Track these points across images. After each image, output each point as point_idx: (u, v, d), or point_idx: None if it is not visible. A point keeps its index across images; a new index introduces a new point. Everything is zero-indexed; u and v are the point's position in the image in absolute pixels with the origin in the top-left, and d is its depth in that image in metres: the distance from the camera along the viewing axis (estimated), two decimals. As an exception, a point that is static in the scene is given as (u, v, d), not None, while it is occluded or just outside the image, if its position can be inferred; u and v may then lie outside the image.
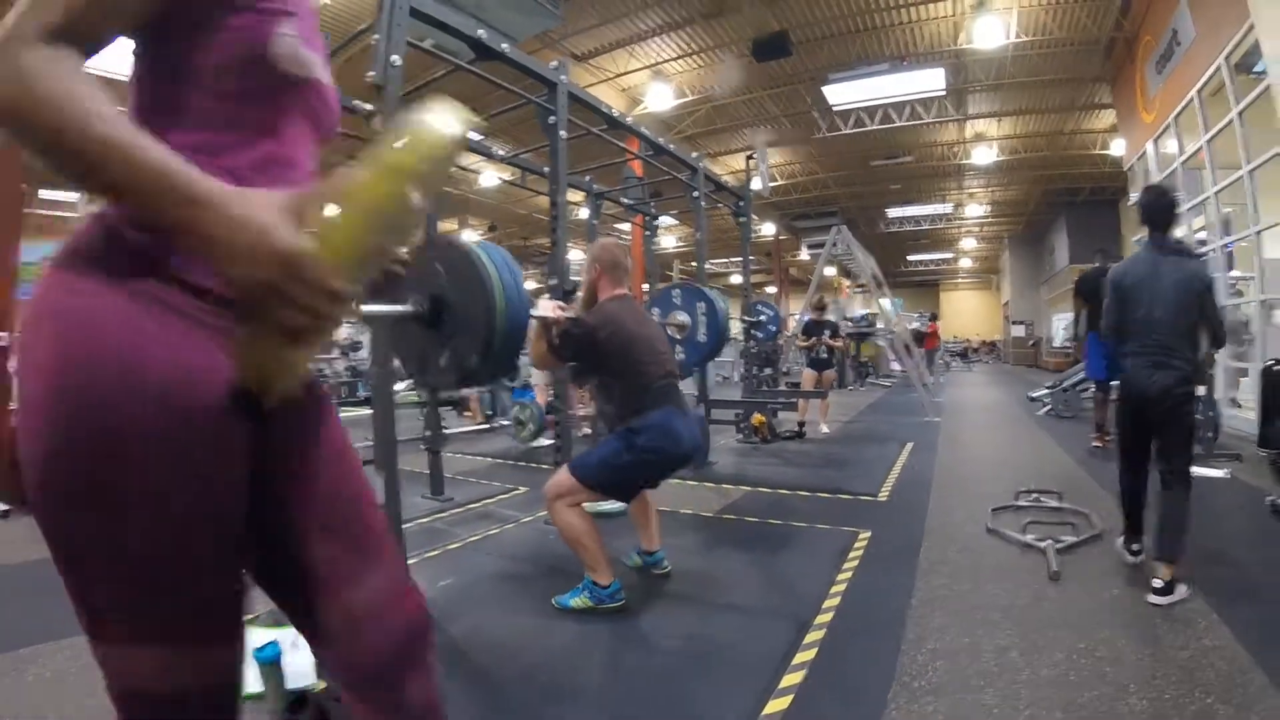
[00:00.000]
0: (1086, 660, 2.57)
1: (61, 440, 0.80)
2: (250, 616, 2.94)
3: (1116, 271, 3.48)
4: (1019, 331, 28.43)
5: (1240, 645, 2.58)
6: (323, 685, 2.36)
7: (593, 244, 3.59)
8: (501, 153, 6.37)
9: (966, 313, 37.12)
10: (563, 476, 3.11)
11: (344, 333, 22.30)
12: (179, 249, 0.84)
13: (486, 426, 9.32)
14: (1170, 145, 9.90)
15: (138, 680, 0.89)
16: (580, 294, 3.52)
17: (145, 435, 0.82)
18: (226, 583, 0.96)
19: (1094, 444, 7.03)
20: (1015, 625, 2.91)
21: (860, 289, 16.48)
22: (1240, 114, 7.44)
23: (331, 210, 0.76)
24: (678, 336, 5.08)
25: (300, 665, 2.35)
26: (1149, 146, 10.71)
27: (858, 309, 19.54)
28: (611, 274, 3.36)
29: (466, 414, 10.47)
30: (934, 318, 24.66)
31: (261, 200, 0.77)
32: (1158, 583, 3.04)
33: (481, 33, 3.85)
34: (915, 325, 22.33)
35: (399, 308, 3.36)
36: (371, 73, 3.41)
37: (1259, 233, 7.43)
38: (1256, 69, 7.17)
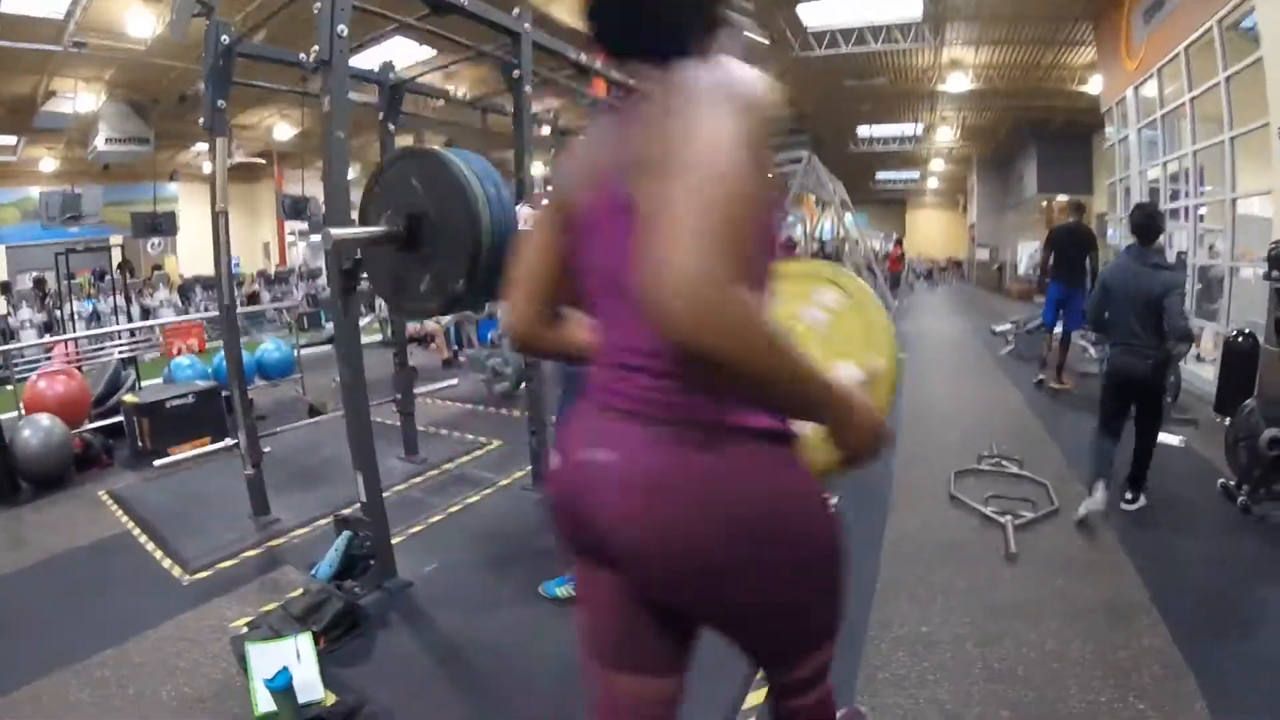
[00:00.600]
0: (1035, 654, 2.76)
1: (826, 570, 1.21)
2: (250, 623, 3.01)
3: (1105, 273, 4.28)
4: (983, 255, 28.61)
5: (1176, 648, 2.75)
6: (332, 698, 2.46)
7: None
8: (463, 94, 6.16)
9: (933, 232, 37.20)
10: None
11: (301, 256, 21.64)
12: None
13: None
14: (1151, 91, 9.73)
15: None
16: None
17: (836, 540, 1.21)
18: None
19: (1041, 380, 7.91)
20: (971, 612, 3.10)
21: (824, 206, 16.85)
22: (1227, 79, 7.26)
23: (878, 390, 1.62)
24: None
25: (307, 677, 2.42)
26: (1129, 93, 10.55)
27: (826, 227, 19.52)
28: None
29: (432, 347, 10.39)
30: (899, 240, 24.60)
31: (855, 386, 1.07)
32: (1129, 495, 4.14)
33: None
34: (880, 244, 22.29)
35: (373, 230, 2.95)
36: (315, 48, 3.07)
37: (1234, 200, 7.39)
38: (1245, 24, 6.99)
